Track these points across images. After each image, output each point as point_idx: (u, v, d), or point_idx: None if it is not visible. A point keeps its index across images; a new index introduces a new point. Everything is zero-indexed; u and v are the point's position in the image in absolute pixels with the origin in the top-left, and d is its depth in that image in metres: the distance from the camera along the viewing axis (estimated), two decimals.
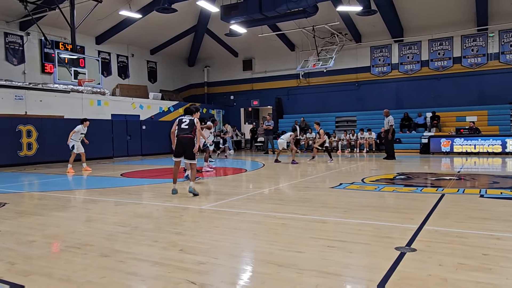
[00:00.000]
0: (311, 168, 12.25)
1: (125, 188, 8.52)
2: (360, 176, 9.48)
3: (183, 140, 6.97)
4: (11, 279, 3.03)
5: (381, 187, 7.58)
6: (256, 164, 13.88)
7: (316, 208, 5.68)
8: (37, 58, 17.96)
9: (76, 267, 3.29)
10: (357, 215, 5.09)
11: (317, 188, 7.89)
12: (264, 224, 4.79)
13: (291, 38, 22.30)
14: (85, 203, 6.83)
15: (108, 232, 4.49)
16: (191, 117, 7.19)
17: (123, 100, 19.53)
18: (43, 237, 4.39)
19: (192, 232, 4.39)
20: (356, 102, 21.52)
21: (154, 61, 24.20)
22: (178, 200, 6.62)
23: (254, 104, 25.05)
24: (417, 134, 18.57)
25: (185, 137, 6.97)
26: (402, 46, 20.36)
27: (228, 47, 24.15)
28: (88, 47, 19.71)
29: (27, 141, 14.67)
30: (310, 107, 22.70)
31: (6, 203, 6.57)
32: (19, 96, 15.39)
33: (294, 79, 23.14)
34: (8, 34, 16.80)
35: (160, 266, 3.26)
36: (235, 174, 11.28)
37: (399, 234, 4.17)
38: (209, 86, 26.37)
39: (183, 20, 20.53)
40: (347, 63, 21.49)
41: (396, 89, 20.61)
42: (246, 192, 7.80)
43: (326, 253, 3.57)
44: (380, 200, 6.41)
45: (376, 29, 19.76)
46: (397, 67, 20.54)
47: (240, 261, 3.57)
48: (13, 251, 3.81)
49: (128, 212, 5.73)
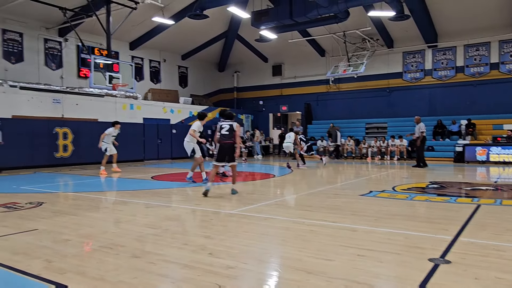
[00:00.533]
0: (339, 174, 12.09)
1: (155, 190, 8.68)
2: (391, 184, 9.28)
3: (225, 146, 7.44)
4: (48, 276, 3.14)
5: (413, 196, 7.39)
6: (283, 169, 13.83)
7: (346, 215, 5.60)
8: (74, 63, 18.65)
9: (108, 267, 3.38)
10: (387, 224, 4.98)
11: (346, 195, 7.78)
12: (292, 231, 4.76)
13: (321, 43, 22.18)
14: (116, 205, 7.00)
15: (139, 234, 4.59)
16: (230, 122, 7.58)
17: (154, 104, 19.96)
18: (78, 237, 4.54)
19: (221, 236, 4.42)
20: (387, 108, 21.11)
21: (185, 66, 24.64)
22: (206, 203, 6.68)
23: (283, 110, 25.03)
24: (450, 142, 18.01)
25: (226, 143, 7.44)
26: (436, 52, 19.84)
27: (258, 52, 24.28)
28: (122, 52, 20.30)
29: (63, 143, 15.22)
30: (340, 113, 22.45)
31: (43, 202, 6.84)
32: (56, 99, 16.01)
33: (323, 84, 22.97)
34: (47, 40, 17.54)
35: (190, 269, 3.30)
36: (263, 179, 11.29)
37: (432, 245, 4.04)
38: (238, 91, 26.58)
39: (214, 26, 20.82)
40: (378, 68, 21.15)
41: (429, 96, 20.09)
42: (274, 197, 7.79)
43: (356, 262, 3.51)
44: (412, 209, 6.25)
45: (409, 34, 19.36)
46: (431, 73, 20.02)
47: (268, 266, 3.57)
48: (50, 249, 3.95)
49: (158, 214, 5.84)
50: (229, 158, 7.53)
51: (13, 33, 16.32)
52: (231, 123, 7.55)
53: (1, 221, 5.31)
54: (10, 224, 5.09)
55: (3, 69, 15.92)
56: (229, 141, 7.43)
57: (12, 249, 3.93)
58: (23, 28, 16.56)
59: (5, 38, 16.08)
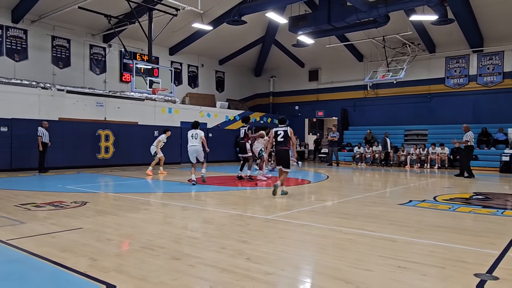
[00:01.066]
0: (376, 182, 11.82)
1: (192, 193, 8.83)
2: (431, 194, 8.97)
3: (280, 151, 8.09)
4: (94, 274, 3.27)
5: (456, 206, 7.11)
6: (319, 175, 13.69)
7: (384, 225, 5.47)
8: (117, 68, 19.36)
9: (150, 267, 3.47)
10: (429, 236, 4.82)
11: (385, 204, 7.60)
12: (330, 238, 4.70)
13: (360, 48, 21.85)
14: (156, 206, 7.18)
15: (178, 236, 4.68)
16: (285, 128, 8.13)
17: (192, 108, 20.35)
18: (119, 236, 4.69)
19: (258, 242, 4.44)
20: (427, 115, 20.46)
21: (222, 71, 24.99)
22: (243, 208, 6.73)
23: (319, 115, 24.82)
24: (496, 151, 17.18)
25: (281, 150, 8.06)
26: (482, 57, 19.05)
27: (295, 57, 24.24)
28: (162, 57, 20.87)
29: (105, 144, 15.81)
30: (377, 119, 21.98)
31: (87, 202, 7.12)
32: (100, 103, 16.67)
33: (361, 90, 22.59)
34: (93, 46, 18.32)
35: (228, 273, 3.33)
36: (298, 185, 11.22)
37: (477, 259, 3.87)
38: (274, 96, 26.61)
39: (251, 32, 21.01)
40: (419, 74, 20.56)
41: (474, 102, 19.28)
42: (310, 204, 7.73)
43: (396, 273, 3.41)
44: (455, 221, 6.00)
45: (452, 38, 18.71)
46: (475, 79, 19.23)
47: (306, 274, 3.54)
48: (94, 248, 4.11)
49: (196, 217, 5.94)
50: (284, 164, 8.01)
51: (62, 40, 17.17)
52: (285, 129, 8.09)
53: (49, 218, 5.57)
54: (57, 222, 5.34)
55: (51, 73, 16.78)
56: (284, 148, 8.01)
57: (59, 246, 4.12)
58: (70, 34, 17.39)
59: (54, 44, 16.95)
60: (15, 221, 5.40)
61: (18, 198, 7.54)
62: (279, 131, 8.11)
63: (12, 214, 5.88)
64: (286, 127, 8.18)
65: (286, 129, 8.09)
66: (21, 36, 15.94)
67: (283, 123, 8.30)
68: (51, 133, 13.39)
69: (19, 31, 15.86)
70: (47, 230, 4.85)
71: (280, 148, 8.05)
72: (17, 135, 13.44)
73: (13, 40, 15.73)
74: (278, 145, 8.06)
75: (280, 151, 8.07)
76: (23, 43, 16.00)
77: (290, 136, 8.04)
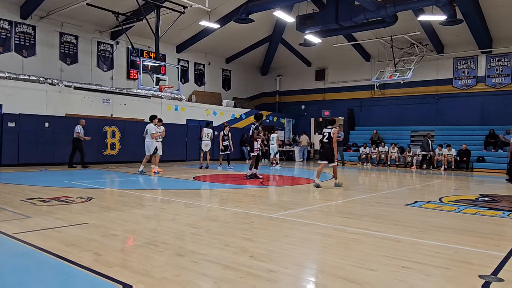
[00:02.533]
0: (382, 182, 11.77)
1: (197, 191, 8.85)
2: (437, 195, 8.92)
3: (325, 150, 9.47)
4: (98, 269, 3.28)
5: (461, 208, 7.06)
6: (324, 175, 13.66)
7: (389, 225, 5.44)
8: (124, 65, 19.44)
9: (153, 263, 3.48)
10: (434, 237, 4.79)
11: (390, 204, 7.56)
12: (334, 238, 4.69)
13: (367, 48, 21.76)
14: (161, 203, 7.21)
15: (181, 233, 4.69)
16: (329, 129, 9.43)
17: (198, 106, 20.39)
18: (124, 232, 4.71)
19: (262, 239, 4.43)
20: (435, 116, 20.35)
21: (228, 69, 25.00)
22: (247, 206, 6.73)
23: (325, 115, 24.75)
24: (503, 153, 17.04)
25: (326, 148, 9.45)
26: (490, 58, 18.89)
27: (302, 56, 24.20)
28: (169, 55, 20.92)
29: (111, 141, 15.89)
30: (384, 120, 21.89)
31: (93, 197, 7.16)
32: (106, 100, 16.75)
33: (367, 90, 22.52)
34: (100, 43, 18.41)
35: (232, 270, 3.33)
36: (303, 184, 11.20)
37: (482, 261, 3.84)
38: (280, 95, 26.58)
39: (258, 30, 20.99)
40: (427, 74, 20.44)
41: (481, 104, 19.14)
42: (314, 203, 7.71)
43: (400, 273, 3.40)
44: (461, 222, 5.96)
45: (461, 39, 18.58)
46: (484, 80, 19.08)
47: (310, 273, 3.53)
48: (99, 243, 4.13)
49: (200, 214, 5.95)
50: (329, 160, 9.41)
51: (70, 36, 17.27)
52: (330, 130, 9.41)
53: (55, 213, 5.61)
54: (62, 217, 5.38)
55: (59, 69, 16.88)
56: (328, 147, 9.39)
57: (65, 241, 4.15)
58: (78, 31, 17.49)
59: (62, 40, 17.05)
60: (21, 215, 5.44)
61: (25, 192, 7.60)
62: (325, 133, 9.51)
63: (18, 208, 5.93)
64: (331, 129, 9.43)
65: (330, 131, 9.38)
66: (29, 32, 16.05)
67: (331, 124, 9.61)
68: (55, 129, 13.52)
69: (27, 27, 15.98)
70: (53, 225, 4.89)
71: (325, 147, 9.45)
72: (25, 131, 13.56)
73: (22, 36, 15.85)
74: (323, 145, 9.50)
75: (324, 149, 9.45)
76: (31, 39, 16.12)
77: (332, 136, 9.34)
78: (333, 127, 9.50)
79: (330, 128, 9.46)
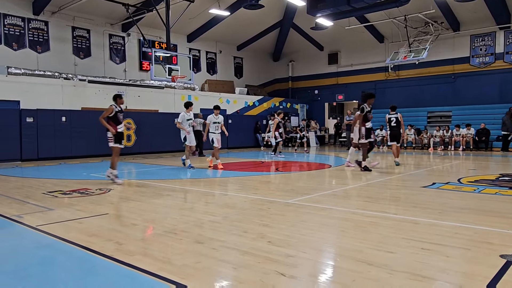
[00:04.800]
0: (398, 165, 11.65)
1: (213, 179, 8.92)
2: (455, 176, 8.80)
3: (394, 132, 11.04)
4: (120, 257, 3.36)
5: (481, 188, 6.95)
6: (340, 160, 13.59)
7: (407, 207, 5.41)
8: (136, 56, 19.53)
9: (174, 251, 3.55)
10: (453, 218, 4.74)
11: (407, 187, 7.50)
12: (351, 221, 4.69)
13: (380, 29, 21.34)
14: (178, 192, 7.29)
15: (200, 220, 4.76)
16: (396, 115, 10.94)
17: (211, 95, 20.41)
18: (143, 221, 4.80)
19: (280, 225, 4.46)
20: (451, 95, 19.93)
21: (240, 56, 24.88)
22: (263, 192, 6.76)
23: (339, 99, 24.53)
24: None
25: (395, 131, 10.99)
26: (509, 33, 18.31)
27: (314, 40, 23.89)
28: (180, 45, 20.91)
29: (126, 133, 16.03)
30: (399, 102, 21.36)
31: (111, 189, 7.30)
32: (120, 92, 16.88)
33: (382, 72, 22.15)
34: (112, 36, 18.51)
35: (250, 256, 3.37)
36: (319, 169, 11.18)
37: (503, 240, 3.80)
38: (293, 80, 26.38)
39: (269, 16, 20.77)
40: (443, 54, 19.96)
41: (500, 81, 18.64)
42: (331, 187, 7.70)
43: (419, 255, 3.38)
44: (480, 202, 5.88)
45: (477, 15, 18.05)
46: (502, 57, 18.55)
47: (328, 256, 3.55)
48: (120, 232, 4.22)
49: (217, 202, 6.01)
50: (397, 141, 11.01)
51: (82, 30, 17.41)
52: (396, 115, 10.86)
53: (76, 205, 5.74)
54: (83, 208, 5.50)
55: (73, 64, 17.07)
56: (397, 130, 10.92)
57: (87, 231, 4.25)
58: (90, 25, 17.60)
59: (75, 35, 17.20)
60: (43, 208, 5.59)
61: (46, 186, 7.79)
62: (392, 118, 10.95)
63: (40, 201, 6.08)
64: (397, 114, 10.94)
65: (397, 116, 10.85)
66: (42, 28, 16.23)
67: (393, 111, 11.09)
68: (74, 123, 13.75)
69: (40, 23, 16.15)
70: (75, 216, 5.01)
71: (394, 130, 10.99)
72: (42, 126, 13.81)
73: (35, 32, 16.04)
74: (392, 128, 11.07)
75: (394, 132, 11.01)
76: (44, 34, 16.30)
77: (400, 120, 10.84)
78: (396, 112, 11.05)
79: (396, 114, 10.93)
